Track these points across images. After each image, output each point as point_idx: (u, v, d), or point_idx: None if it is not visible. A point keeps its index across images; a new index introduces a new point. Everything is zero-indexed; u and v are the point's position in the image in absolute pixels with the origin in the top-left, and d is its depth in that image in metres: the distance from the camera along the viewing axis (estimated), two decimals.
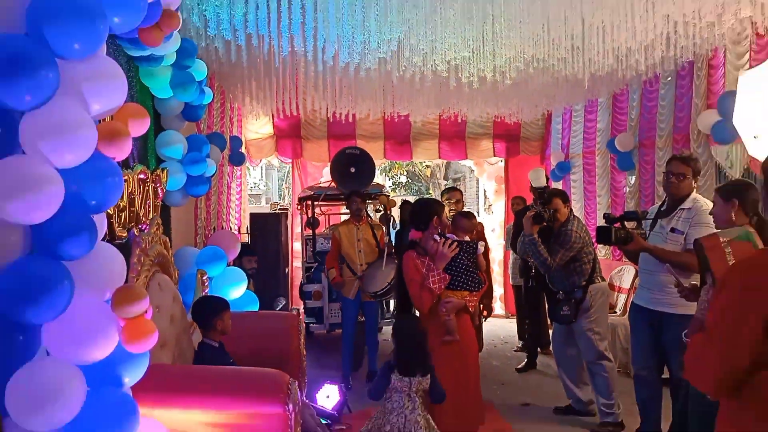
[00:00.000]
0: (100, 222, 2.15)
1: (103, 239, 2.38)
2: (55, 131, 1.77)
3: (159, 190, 3.70)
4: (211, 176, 4.67)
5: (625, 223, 4.06)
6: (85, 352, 1.92)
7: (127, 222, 3.16)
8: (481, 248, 3.89)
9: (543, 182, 5.13)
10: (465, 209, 6.67)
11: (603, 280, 4.84)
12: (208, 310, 3.43)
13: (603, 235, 4.01)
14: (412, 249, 3.68)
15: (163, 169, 3.81)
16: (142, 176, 3.34)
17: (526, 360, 6.48)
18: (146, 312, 2.07)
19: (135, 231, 3.23)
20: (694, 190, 3.95)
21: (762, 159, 4.14)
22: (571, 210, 4.89)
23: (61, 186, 1.80)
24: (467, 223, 4.17)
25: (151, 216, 3.42)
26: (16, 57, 1.70)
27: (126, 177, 3.10)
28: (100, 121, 2.13)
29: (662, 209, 4.06)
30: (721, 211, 3.19)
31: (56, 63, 1.75)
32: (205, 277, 4.18)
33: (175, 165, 3.99)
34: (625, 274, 6.58)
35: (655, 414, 4.18)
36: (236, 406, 2.59)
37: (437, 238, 3.64)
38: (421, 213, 3.76)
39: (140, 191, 3.31)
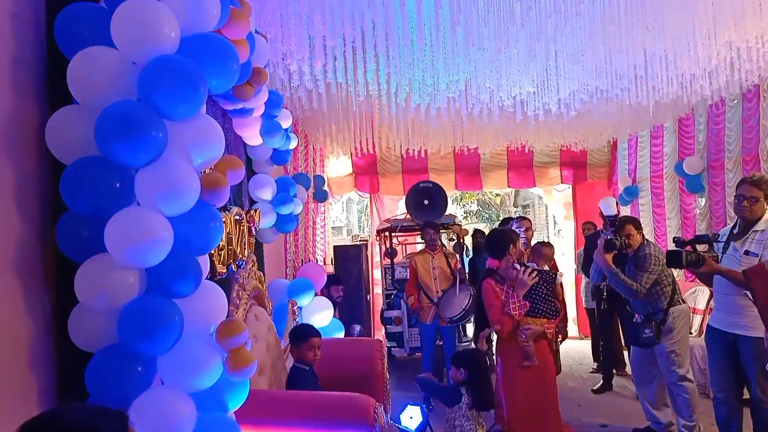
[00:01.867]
0: (204, 262, 2.25)
1: (206, 277, 2.49)
2: (165, 184, 1.88)
3: (253, 229, 3.83)
4: (298, 214, 4.80)
5: (696, 245, 3.88)
6: (194, 381, 2.00)
7: (226, 259, 3.28)
8: (559, 278, 3.83)
9: (614, 211, 4.97)
10: (535, 234, 6.58)
11: (683, 302, 4.61)
12: (301, 336, 3.52)
13: (674, 259, 3.84)
14: (490, 276, 3.66)
15: (255, 210, 3.95)
16: (237, 217, 3.47)
17: (602, 382, 6.22)
18: (246, 343, 2.14)
19: (233, 267, 3.35)
20: (767, 212, 3.74)
21: None
22: (643, 236, 4.70)
23: (170, 233, 1.90)
24: (548, 251, 4.15)
25: (246, 253, 3.54)
26: (131, 120, 1.82)
27: (224, 218, 3.23)
28: (202, 173, 2.25)
29: (735, 232, 3.86)
30: None
31: (165, 124, 1.87)
32: (295, 307, 4.27)
33: (266, 205, 4.13)
34: (699, 296, 6.25)
35: None
36: (327, 429, 2.62)
37: (518, 266, 3.61)
38: (496, 242, 3.75)
39: (237, 231, 3.44)
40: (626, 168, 8.24)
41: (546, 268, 4.27)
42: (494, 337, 4.02)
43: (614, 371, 6.39)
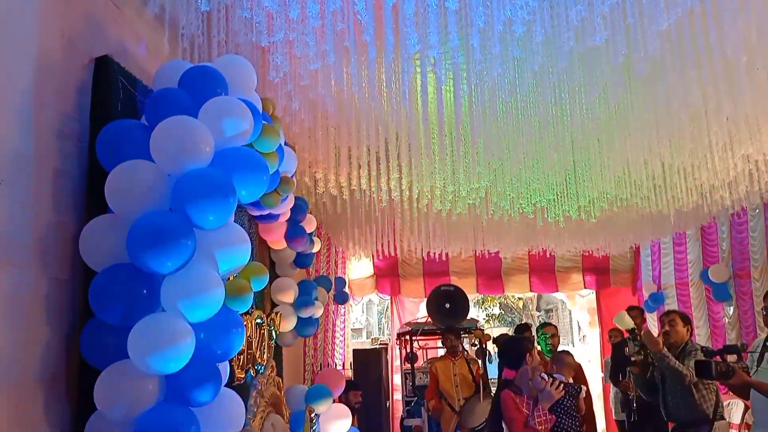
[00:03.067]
0: (224, 369, 2.24)
1: (224, 383, 2.46)
2: (190, 291, 1.91)
3: (273, 333, 3.81)
4: (319, 317, 4.78)
5: (727, 357, 3.75)
6: None
7: (245, 364, 3.24)
8: (583, 393, 3.69)
9: (630, 324, 4.85)
10: (560, 339, 6.43)
11: (725, 417, 4.36)
12: None
13: (703, 370, 3.70)
14: (507, 387, 3.54)
15: (277, 313, 3.95)
16: (258, 320, 3.47)
17: None
18: None
19: (252, 372, 3.30)
20: None
21: None
22: (690, 333, 4.48)
23: (193, 339, 1.91)
24: (571, 360, 4.02)
25: (265, 357, 3.50)
26: (162, 230, 1.88)
27: (245, 322, 3.23)
28: (227, 279, 2.28)
29: (767, 344, 3.75)
30: None
31: (194, 233, 1.93)
32: (313, 414, 4.15)
33: (287, 308, 4.12)
34: (734, 409, 5.96)
35: None
36: None
37: (545, 376, 3.49)
38: (512, 352, 3.66)
39: (257, 334, 3.42)
40: (650, 274, 8.15)
41: (570, 379, 4.12)
42: None
43: None
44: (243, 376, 3.19)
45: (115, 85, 2.18)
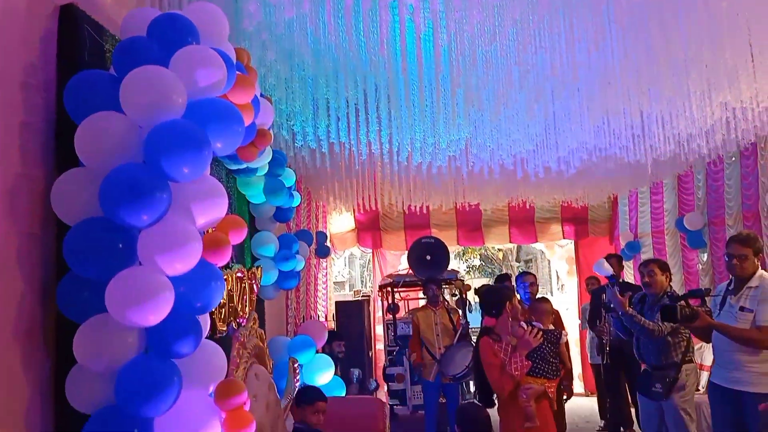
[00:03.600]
0: (205, 321, 2.24)
1: (206, 336, 2.47)
2: (167, 245, 1.89)
3: (254, 286, 3.82)
4: (300, 270, 4.80)
5: (690, 300, 3.89)
6: None
7: (226, 317, 3.26)
8: (564, 338, 3.76)
9: (609, 270, 4.94)
10: (539, 290, 6.55)
11: (694, 360, 4.52)
12: (306, 399, 3.50)
13: (668, 314, 3.83)
14: (486, 335, 3.58)
15: (257, 267, 3.95)
16: (239, 274, 3.47)
17: None
18: (245, 404, 2.11)
19: (234, 325, 3.32)
20: (758, 267, 3.78)
21: None
22: (669, 280, 4.57)
23: (172, 293, 1.90)
24: (548, 306, 4.09)
25: (247, 310, 3.52)
26: (136, 183, 1.85)
27: (225, 276, 3.22)
28: (204, 232, 2.27)
29: (730, 288, 3.88)
30: None
31: (169, 186, 1.90)
32: (296, 365, 4.22)
33: (268, 262, 4.13)
34: (706, 352, 6.15)
35: None
36: None
37: (524, 325, 3.54)
38: (492, 300, 3.66)
39: (238, 288, 3.43)
40: (627, 224, 8.27)
41: (551, 326, 4.21)
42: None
43: (621, 429, 6.23)
44: (225, 329, 3.21)
45: (81, 34, 2.11)
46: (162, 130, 1.89)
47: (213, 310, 2.99)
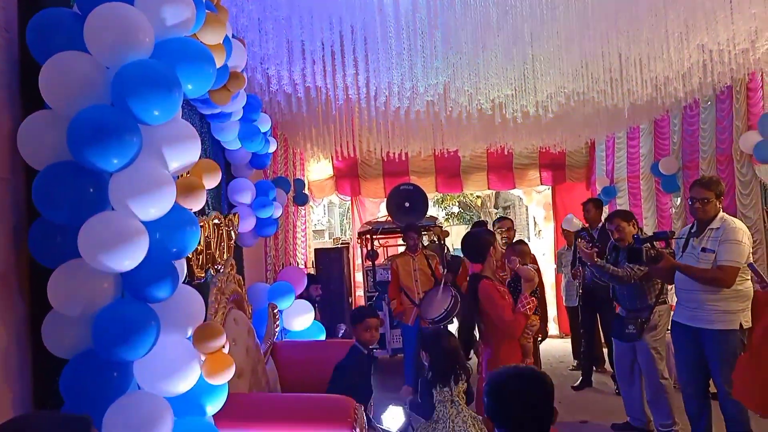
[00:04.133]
0: (181, 267, 2.24)
1: (183, 281, 2.48)
2: (139, 189, 1.87)
3: (232, 233, 3.82)
4: (278, 217, 4.79)
5: (655, 243, 4.00)
6: (171, 386, 1.99)
7: (204, 263, 3.26)
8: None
9: (579, 225, 5.00)
10: (516, 236, 6.65)
11: (667, 301, 4.67)
12: (357, 317, 3.65)
13: (634, 256, 3.95)
14: (482, 280, 3.55)
15: (234, 214, 3.94)
16: (216, 221, 3.46)
17: (581, 378, 6.28)
18: (224, 346, 2.14)
19: (212, 271, 3.33)
20: (720, 210, 3.90)
21: None
22: (636, 227, 4.68)
23: (146, 237, 1.89)
24: (525, 248, 4.18)
25: (225, 257, 3.52)
26: (104, 125, 1.81)
27: (202, 223, 3.21)
28: (178, 177, 2.24)
29: (693, 230, 4.01)
30: None
31: (139, 129, 1.86)
32: (276, 311, 4.26)
33: (245, 209, 4.11)
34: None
35: (706, 426, 4.05)
36: (308, 429, 2.62)
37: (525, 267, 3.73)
38: (476, 246, 3.66)
39: (215, 235, 3.42)
40: (604, 169, 8.33)
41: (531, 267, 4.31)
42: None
43: (594, 368, 6.45)
44: (203, 275, 3.22)
45: None
46: (129, 70, 1.84)
47: (190, 256, 3.00)
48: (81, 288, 1.87)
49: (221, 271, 3.34)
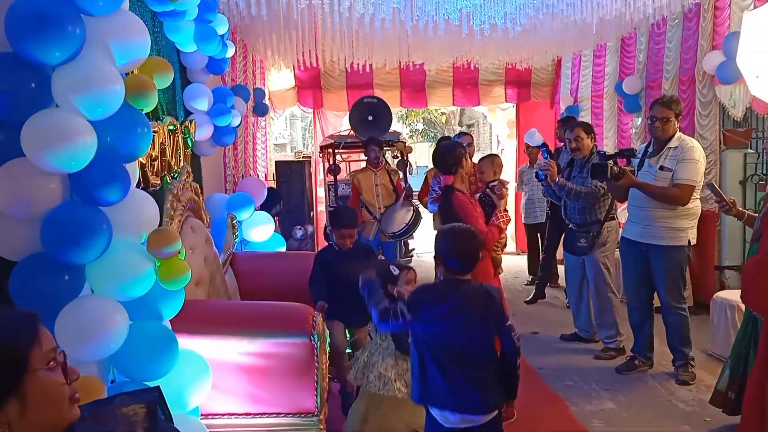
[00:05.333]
0: (133, 170, 2.18)
1: (138, 187, 2.42)
2: (84, 85, 1.78)
3: (188, 140, 3.71)
4: (237, 127, 4.67)
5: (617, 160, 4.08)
6: (125, 290, 1.98)
7: (159, 170, 3.18)
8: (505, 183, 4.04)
9: (540, 140, 5.00)
10: (478, 154, 6.69)
11: (616, 218, 4.77)
12: (333, 222, 3.69)
13: (598, 172, 4.00)
14: (454, 192, 3.56)
15: (191, 121, 3.82)
16: (171, 127, 3.35)
17: (534, 293, 6.50)
18: (179, 252, 2.11)
19: (168, 179, 3.26)
20: (677, 129, 3.98)
21: (764, 99, 4.08)
22: (594, 142, 4.72)
23: (93, 137, 1.81)
24: (498, 160, 4.18)
25: (181, 165, 3.44)
26: (44, 14, 1.69)
27: (156, 129, 3.11)
28: (126, 75, 2.13)
29: (650, 150, 4.08)
30: None
31: (82, 19, 1.74)
32: (234, 221, 4.23)
33: (202, 116, 3.99)
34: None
35: (647, 337, 4.28)
36: (266, 336, 2.66)
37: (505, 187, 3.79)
38: (449, 157, 3.62)
39: (170, 141, 3.32)
40: (569, 87, 8.31)
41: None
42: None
43: (548, 283, 6.69)
44: (159, 182, 3.15)
45: None
46: None
47: (144, 162, 2.91)
48: (27, 189, 1.81)
49: (177, 179, 3.27)
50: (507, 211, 3.69)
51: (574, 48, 7.21)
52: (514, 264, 8.16)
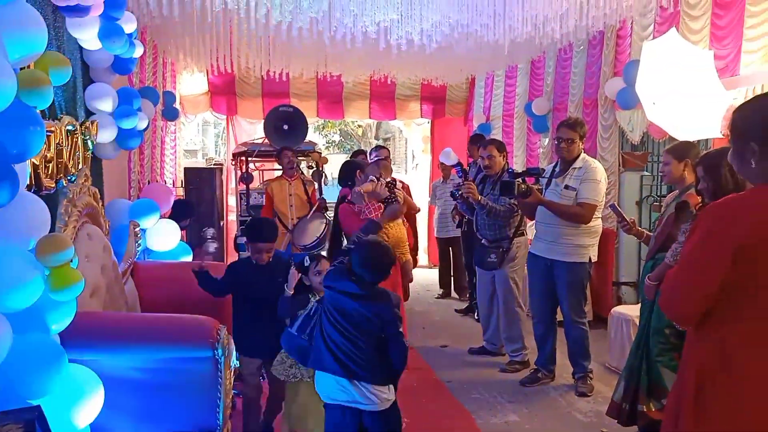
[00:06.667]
0: (23, 171, 2.04)
1: (29, 189, 2.26)
2: None
3: (89, 142, 3.52)
4: (144, 130, 4.49)
5: (526, 178, 4.26)
6: (9, 300, 1.84)
7: (55, 173, 2.98)
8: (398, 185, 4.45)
9: (455, 159, 5.15)
10: (394, 167, 6.78)
11: (525, 233, 4.96)
12: (248, 235, 3.47)
13: (507, 189, 4.16)
14: (343, 202, 4.03)
15: (93, 122, 3.63)
16: (69, 127, 3.16)
17: (467, 305, 6.60)
18: (71, 260, 1.99)
19: (64, 182, 3.07)
20: (582, 150, 4.20)
21: (659, 124, 4.37)
22: (506, 160, 4.88)
23: None
24: (386, 163, 4.51)
25: (80, 167, 3.26)
26: None
27: (53, 128, 2.93)
28: (20, 69, 2.00)
29: (556, 169, 4.29)
30: (675, 170, 3.38)
31: None
32: (137, 229, 4.05)
33: (105, 118, 3.80)
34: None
35: (550, 349, 4.46)
36: (166, 351, 2.55)
37: (373, 178, 4.18)
38: (345, 172, 4.07)
39: (68, 142, 3.14)
40: (482, 106, 8.59)
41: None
42: None
43: (458, 296, 6.84)
44: (53, 185, 2.96)
45: None
46: None
47: (38, 163, 2.73)
48: None
49: (74, 182, 3.09)
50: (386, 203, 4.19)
51: (487, 68, 7.49)
52: (426, 277, 8.29)
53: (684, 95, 3.94)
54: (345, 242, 4.47)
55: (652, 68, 4.17)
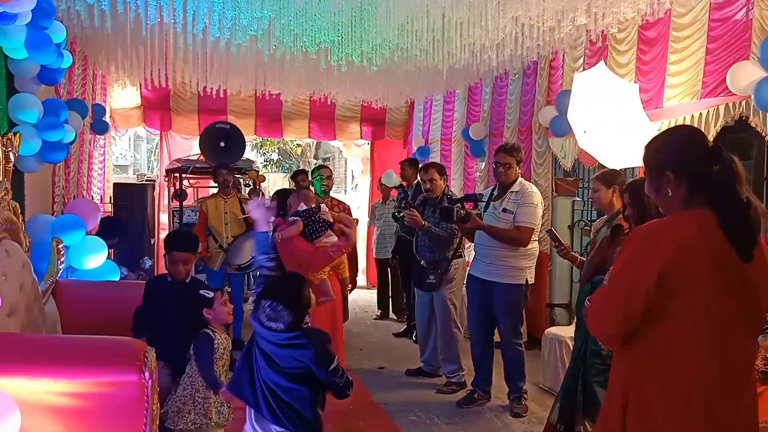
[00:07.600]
0: None
1: None
2: None
3: (10, 155, 3.38)
4: (70, 143, 4.34)
5: (465, 203, 4.36)
6: None
7: None
8: (324, 207, 4.11)
9: (397, 181, 5.23)
10: (334, 188, 6.78)
11: (464, 256, 5.04)
12: (166, 245, 3.37)
13: (446, 215, 4.26)
14: (275, 229, 3.88)
15: (15, 133, 3.48)
16: None
17: (405, 327, 6.64)
18: None
19: None
20: (519, 175, 4.35)
21: (589, 152, 4.57)
22: (446, 184, 4.96)
23: None
24: (310, 193, 4.47)
25: (0, 180, 3.12)
26: None
27: None
28: None
29: (495, 193, 4.42)
30: (604, 196, 3.51)
31: None
32: (60, 246, 3.88)
33: (29, 129, 3.66)
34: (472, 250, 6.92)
35: (487, 369, 4.54)
36: (89, 375, 2.43)
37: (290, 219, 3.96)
38: (277, 202, 4.02)
39: None
40: (421, 129, 8.74)
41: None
42: None
43: (396, 317, 6.87)
44: None
45: None
46: None
47: None
48: None
49: None
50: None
51: (426, 92, 7.64)
52: (363, 298, 8.30)
53: (612, 126, 4.13)
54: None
55: (583, 98, 4.36)
